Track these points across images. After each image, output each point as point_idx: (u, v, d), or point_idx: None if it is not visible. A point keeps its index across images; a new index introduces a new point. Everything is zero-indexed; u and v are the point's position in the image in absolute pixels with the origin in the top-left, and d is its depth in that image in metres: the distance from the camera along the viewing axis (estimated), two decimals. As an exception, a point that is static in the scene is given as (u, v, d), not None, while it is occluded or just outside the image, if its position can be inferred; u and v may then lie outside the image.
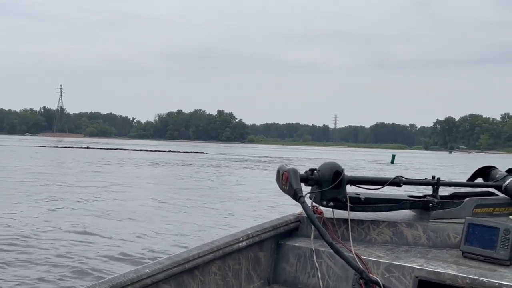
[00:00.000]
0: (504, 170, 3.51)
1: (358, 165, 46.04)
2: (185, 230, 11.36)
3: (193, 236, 10.65)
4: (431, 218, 3.09)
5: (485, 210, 3.20)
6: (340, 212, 2.93)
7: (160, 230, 11.16)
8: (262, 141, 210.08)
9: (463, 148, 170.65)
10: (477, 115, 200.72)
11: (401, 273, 2.64)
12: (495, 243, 2.77)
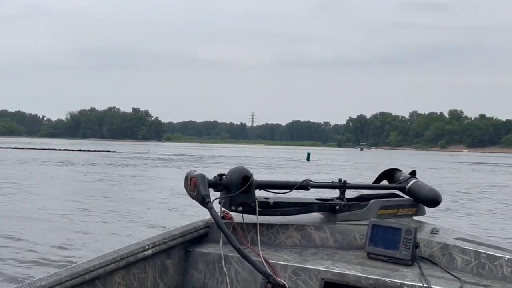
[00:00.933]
0: (408, 173, 3.64)
1: (274, 162, 46.61)
2: (73, 240, 10.19)
3: (83, 246, 9.66)
4: (338, 220, 3.15)
5: (389, 212, 3.30)
6: (250, 216, 2.93)
7: (38, 240, 9.96)
8: (180, 139, 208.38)
9: (364, 145, 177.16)
10: (387, 113, 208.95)
11: (308, 276, 2.68)
12: (397, 243, 2.86)
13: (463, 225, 12.73)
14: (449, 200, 18.20)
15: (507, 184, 28.42)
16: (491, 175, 38.16)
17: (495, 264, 2.77)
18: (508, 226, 13.46)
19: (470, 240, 2.99)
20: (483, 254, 2.82)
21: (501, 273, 2.73)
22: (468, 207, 17.00)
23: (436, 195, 3.37)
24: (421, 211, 3.47)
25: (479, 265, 2.81)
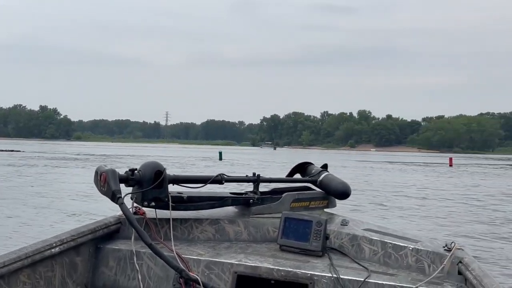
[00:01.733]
0: (320, 166, 3.72)
1: (187, 162, 46.35)
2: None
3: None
4: (252, 213, 3.19)
5: (301, 204, 3.36)
6: (163, 212, 2.90)
7: None
8: (90, 138, 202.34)
9: (269, 144, 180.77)
10: (300, 113, 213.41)
11: (221, 269, 2.69)
12: (308, 235, 2.93)
13: (372, 218, 13.21)
14: (361, 197, 18.87)
15: (414, 183, 29.81)
16: (400, 173, 39.90)
17: (401, 253, 2.89)
18: (415, 222, 14.11)
19: (378, 231, 3.10)
20: (389, 244, 2.93)
21: (406, 262, 2.86)
22: (380, 204, 17.68)
23: (346, 187, 3.47)
24: (332, 203, 3.56)
25: (386, 254, 2.92)
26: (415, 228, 12.44)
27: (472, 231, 12.61)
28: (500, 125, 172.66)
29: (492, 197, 21.53)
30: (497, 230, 12.99)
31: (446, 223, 13.80)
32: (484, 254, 9.71)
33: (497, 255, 9.89)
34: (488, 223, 14.13)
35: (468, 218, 14.86)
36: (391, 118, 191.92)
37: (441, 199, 20.18)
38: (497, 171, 47.84)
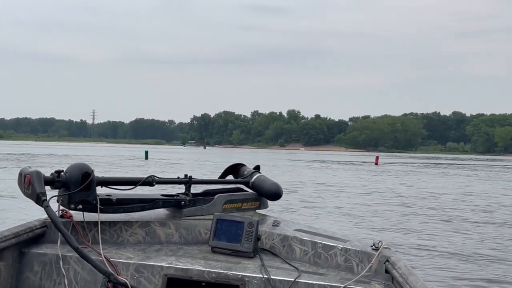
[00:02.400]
0: (252, 167, 3.74)
1: (111, 161, 45.36)
2: None
3: None
4: (184, 215, 3.16)
5: (234, 206, 3.37)
6: (92, 215, 2.83)
7: None
8: (12, 137, 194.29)
9: (192, 143, 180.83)
10: (230, 112, 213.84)
11: (151, 273, 2.66)
12: (240, 236, 2.94)
13: (304, 218, 13.40)
14: (294, 195, 19.11)
15: (342, 182, 30.47)
16: (328, 171, 40.72)
17: (330, 253, 2.94)
18: (345, 221, 14.41)
19: (308, 231, 3.15)
20: (319, 244, 2.98)
21: (335, 262, 2.92)
22: (311, 202, 17.96)
23: (277, 188, 3.50)
24: (264, 204, 3.59)
25: (316, 254, 2.97)
26: (345, 228, 12.74)
27: (399, 229, 13.04)
28: (422, 125, 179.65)
29: (417, 195, 22.37)
30: (421, 227, 13.50)
31: (374, 221, 14.20)
32: (410, 251, 10.06)
33: (422, 251, 10.27)
34: (413, 221, 14.65)
35: (395, 217, 15.35)
36: (320, 118, 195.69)
37: (369, 197, 20.76)
38: (420, 169, 49.77)
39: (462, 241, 11.51)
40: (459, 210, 17.13)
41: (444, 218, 15.11)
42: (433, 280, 7.77)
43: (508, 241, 11.75)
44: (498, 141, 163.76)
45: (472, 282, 8.06)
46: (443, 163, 72.48)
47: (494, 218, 15.55)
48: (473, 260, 9.58)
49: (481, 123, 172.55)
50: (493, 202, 20.09)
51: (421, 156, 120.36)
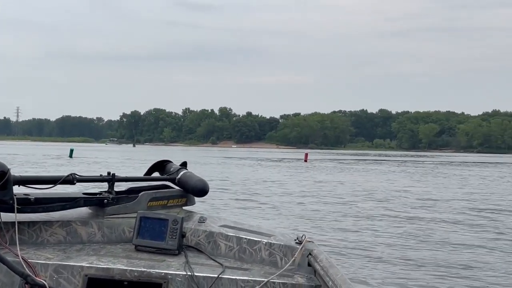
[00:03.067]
0: (179, 164, 3.72)
1: (35, 160, 43.87)
2: None
3: None
4: (107, 214, 3.11)
5: (159, 203, 3.34)
6: (8, 215, 2.73)
7: None
8: None
9: (114, 141, 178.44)
10: (161, 109, 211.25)
11: (71, 273, 2.61)
12: (164, 234, 2.92)
13: (231, 214, 13.45)
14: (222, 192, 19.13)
15: (272, 178, 30.77)
16: (259, 168, 41.00)
17: (255, 248, 2.98)
18: (271, 216, 14.56)
19: (234, 227, 3.17)
20: (244, 239, 3.01)
21: (259, 257, 2.95)
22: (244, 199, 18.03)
23: (204, 185, 3.50)
24: (191, 201, 3.58)
25: (241, 250, 2.99)
26: (272, 223, 12.88)
27: (323, 223, 13.33)
28: (350, 123, 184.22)
29: (343, 191, 22.91)
30: (348, 222, 13.84)
31: (300, 216, 14.44)
32: (333, 244, 10.30)
33: (343, 244, 10.54)
34: (338, 215, 15.00)
35: (322, 212, 15.67)
36: (251, 115, 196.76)
37: (297, 193, 21.08)
38: (348, 165, 51.00)
39: (381, 232, 11.91)
40: (387, 203, 17.72)
41: (371, 213, 15.57)
42: (353, 272, 8.00)
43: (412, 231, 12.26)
44: (422, 137, 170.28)
45: (391, 275, 8.35)
46: (370, 159, 74.63)
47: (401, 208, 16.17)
48: (393, 250, 9.94)
49: (406, 120, 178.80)
50: (402, 195, 20.89)
51: (349, 152, 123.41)
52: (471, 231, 12.69)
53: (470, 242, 11.23)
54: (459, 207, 17.47)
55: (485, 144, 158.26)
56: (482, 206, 18.12)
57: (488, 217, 15.27)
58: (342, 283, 2.34)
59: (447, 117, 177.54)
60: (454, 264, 9.10)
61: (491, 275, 8.46)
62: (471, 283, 7.95)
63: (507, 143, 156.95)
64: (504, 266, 9.07)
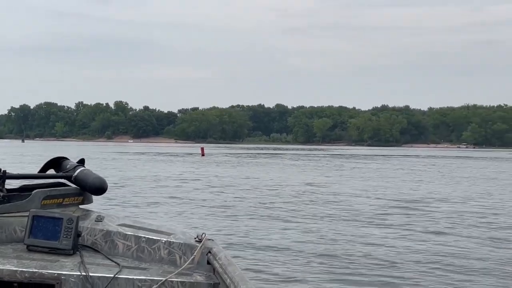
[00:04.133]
0: (76, 161, 3.60)
1: None
2: None
3: None
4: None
5: (54, 201, 3.23)
6: None
7: None
8: None
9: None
10: (53, 103, 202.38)
11: None
12: (58, 233, 2.83)
13: (129, 212, 13.20)
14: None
15: (170, 173, 30.50)
16: (158, 164, 40.46)
17: (154, 247, 2.96)
18: (170, 214, 14.46)
19: (132, 225, 3.13)
20: (143, 238, 2.98)
21: (158, 256, 2.94)
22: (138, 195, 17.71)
23: (102, 182, 3.42)
24: (88, 199, 3.48)
25: (139, 249, 2.96)
26: (172, 220, 12.80)
27: (222, 219, 13.44)
28: (248, 117, 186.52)
29: (239, 184, 23.19)
30: (244, 218, 14.03)
31: (198, 212, 14.46)
32: (230, 241, 10.41)
33: (241, 240, 10.69)
34: (233, 211, 15.18)
35: (217, 206, 15.77)
36: (148, 109, 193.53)
37: (193, 188, 21.07)
38: (245, 160, 51.64)
39: (277, 226, 12.22)
40: (280, 197, 18.15)
41: (267, 206, 15.89)
42: (252, 269, 8.14)
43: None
44: (316, 131, 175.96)
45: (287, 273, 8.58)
46: (267, 153, 76.04)
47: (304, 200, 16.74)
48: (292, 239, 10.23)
49: (301, 115, 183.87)
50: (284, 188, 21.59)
51: (247, 147, 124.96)
52: (351, 223, 13.33)
53: (349, 232, 11.80)
54: (341, 193, 18.28)
55: (375, 137, 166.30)
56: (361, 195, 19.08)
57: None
58: (239, 281, 2.37)
59: (340, 112, 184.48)
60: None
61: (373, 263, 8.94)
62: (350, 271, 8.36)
63: (395, 137, 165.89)
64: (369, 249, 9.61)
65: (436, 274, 8.18)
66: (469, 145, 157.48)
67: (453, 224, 13.06)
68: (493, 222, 13.61)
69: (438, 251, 9.80)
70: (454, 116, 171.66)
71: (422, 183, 25.89)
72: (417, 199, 18.61)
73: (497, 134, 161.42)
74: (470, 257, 9.39)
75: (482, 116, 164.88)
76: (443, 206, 16.64)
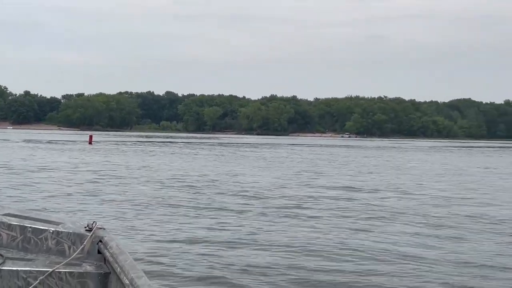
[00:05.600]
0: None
1: None
2: None
3: None
4: None
5: None
6: None
7: None
8: None
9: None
10: None
11: None
12: None
13: (15, 202, 12.52)
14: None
15: (54, 161, 29.28)
16: (39, 151, 38.60)
17: (41, 237, 2.85)
18: (60, 202, 13.91)
19: (18, 215, 3.00)
20: (29, 228, 2.87)
21: (46, 246, 2.84)
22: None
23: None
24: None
25: (25, 239, 2.85)
26: (61, 209, 12.33)
27: (112, 204, 13.16)
28: (137, 104, 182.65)
29: (129, 171, 22.77)
30: (132, 198, 13.83)
31: (89, 200, 14.04)
32: (126, 230, 10.24)
33: (134, 226, 10.55)
34: (125, 198, 14.91)
35: (109, 193, 15.41)
36: (30, 94, 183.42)
37: (82, 176, 20.40)
38: (134, 147, 50.65)
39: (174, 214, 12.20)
40: (176, 182, 18.07)
41: (154, 194, 15.76)
42: (144, 257, 8.07)
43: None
44: (207, 120, 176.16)
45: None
46: (157, 141, 75.04)
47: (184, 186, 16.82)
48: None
49: (191, 103, 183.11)
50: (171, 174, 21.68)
51: (136, 134, 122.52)
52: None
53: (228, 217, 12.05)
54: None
55: (264, 126, 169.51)
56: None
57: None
58: (130, 269, 2.36)
59: (230, 100, 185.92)
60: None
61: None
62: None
63: (283, 126, 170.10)
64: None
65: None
66: (351, 134, 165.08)
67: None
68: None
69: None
70: (338, 107, 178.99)
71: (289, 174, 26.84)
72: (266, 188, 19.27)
73: (377, 124, 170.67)
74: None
75: (364, 107, 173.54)
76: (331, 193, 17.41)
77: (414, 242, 9.96)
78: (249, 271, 7.66)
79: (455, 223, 12.30)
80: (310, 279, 7.43)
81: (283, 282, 7.27)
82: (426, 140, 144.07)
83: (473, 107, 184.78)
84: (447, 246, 9.80)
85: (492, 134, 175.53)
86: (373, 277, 7.60)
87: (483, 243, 10.19)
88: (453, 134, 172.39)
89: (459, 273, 7.97)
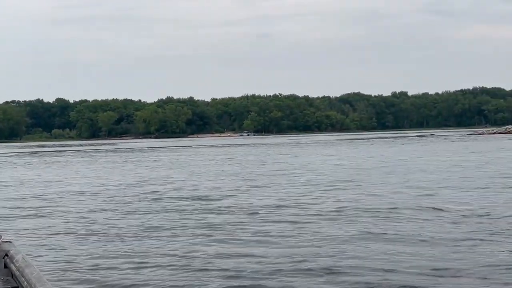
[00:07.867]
0: None
1: None
2: None
3: None
4: None
5: None
6: None
7: None
8: None
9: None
10: None
11: None
12: None
13: None
14: None
15: None
16: None
17: None
18: None
19: None
20: None
21: None
22: None
23: None
24: None
25: None
26: None
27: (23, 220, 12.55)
28: (26, 113, 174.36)
29: (20, 187, 21.70)
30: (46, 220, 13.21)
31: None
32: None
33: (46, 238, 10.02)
34: (35, 211, 14.24)
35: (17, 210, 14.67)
36: None
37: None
38: (25, 159, 48.42)
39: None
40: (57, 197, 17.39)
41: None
42: (51, 269, 7.71)
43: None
44: (102, 125, 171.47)
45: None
46: (49, 150, 72.14)
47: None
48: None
49: (84, 109, 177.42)
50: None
51: (26, 145, 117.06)
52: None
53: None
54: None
55: (162, 129, 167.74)
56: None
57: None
58: (36, 282, 2.23)
59: (125, 104, 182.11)
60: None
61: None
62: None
63: (181, 128, 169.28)
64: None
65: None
66: (250, 133, 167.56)
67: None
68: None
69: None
70: (235, 106, 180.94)
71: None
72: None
73: (274, 121, 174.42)
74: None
75: (260, 105, 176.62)
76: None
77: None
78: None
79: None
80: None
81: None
82: (321, 134, 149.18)
83: (363, 100, 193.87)
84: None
85: (382, 125, 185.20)
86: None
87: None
88: (345, 127, 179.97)
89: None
